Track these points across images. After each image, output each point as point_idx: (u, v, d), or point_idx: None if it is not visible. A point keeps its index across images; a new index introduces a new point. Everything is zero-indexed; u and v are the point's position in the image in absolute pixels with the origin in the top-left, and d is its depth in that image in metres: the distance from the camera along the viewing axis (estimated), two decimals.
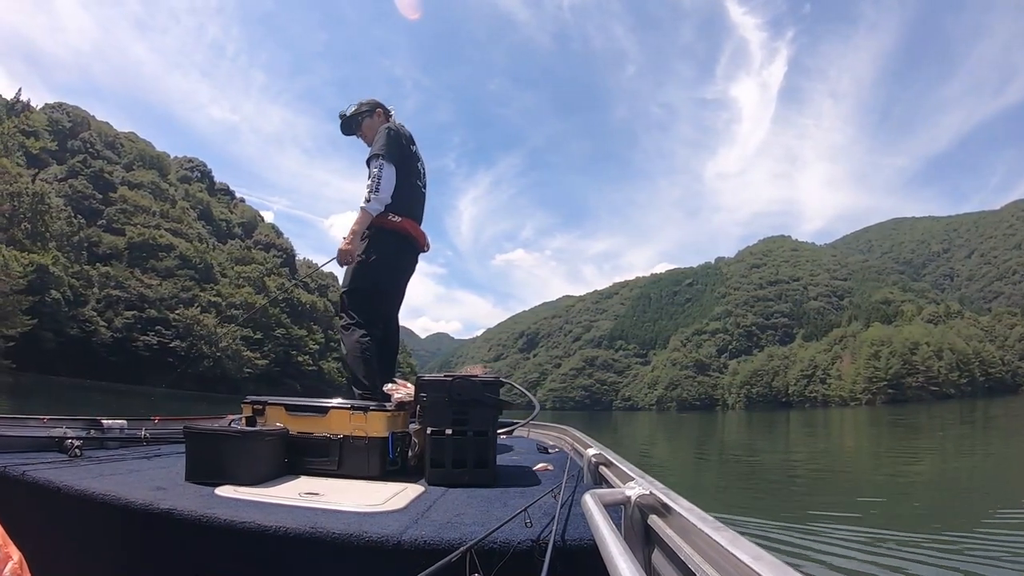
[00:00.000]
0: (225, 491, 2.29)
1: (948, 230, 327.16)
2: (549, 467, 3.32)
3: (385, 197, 3.81)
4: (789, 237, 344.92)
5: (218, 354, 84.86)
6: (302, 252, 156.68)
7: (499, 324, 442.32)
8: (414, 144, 4.16)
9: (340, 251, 3.87)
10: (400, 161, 3.93)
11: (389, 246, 3.94)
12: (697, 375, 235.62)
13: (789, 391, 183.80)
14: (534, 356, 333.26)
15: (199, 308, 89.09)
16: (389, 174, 3.81)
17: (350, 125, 4.42)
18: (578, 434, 4.16)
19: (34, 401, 30.21)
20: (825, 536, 7.23)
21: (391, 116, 4.40)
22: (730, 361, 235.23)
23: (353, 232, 3.83)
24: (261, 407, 2.91)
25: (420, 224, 4.15)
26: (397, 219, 3.90)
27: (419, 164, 4.18)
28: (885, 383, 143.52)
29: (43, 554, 1.92)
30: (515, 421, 4.15)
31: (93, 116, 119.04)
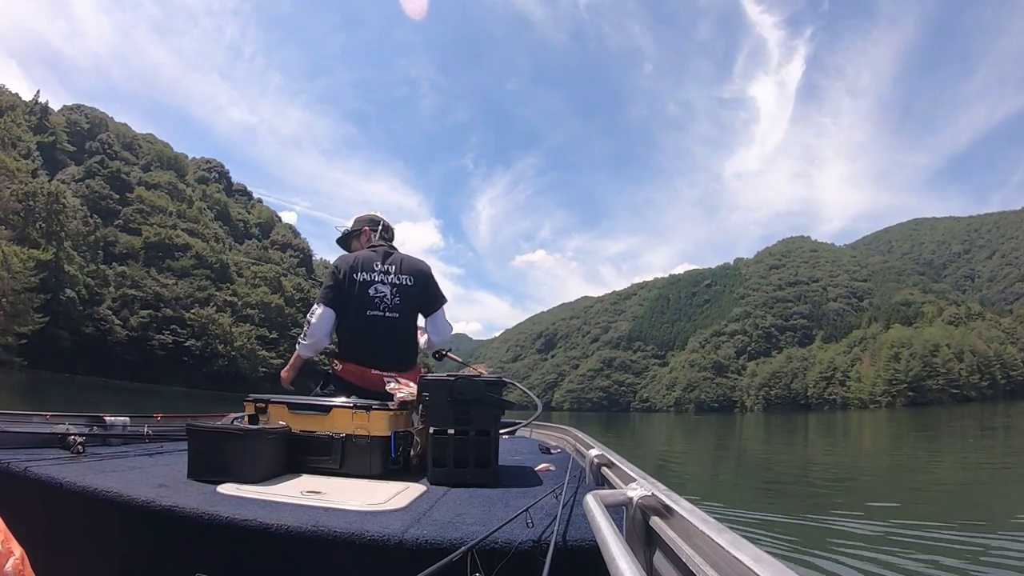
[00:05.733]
0: (227, 489, 2.28)
1: (969, 230, 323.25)
2: (551, 467, 3.30)
3: (315, 341, 3.67)
4: (808, 237, 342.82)
5: (233, 353, 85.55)
6: (321, 253, 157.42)
7: (517, 325, 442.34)
8: (374, 267, 3.63)
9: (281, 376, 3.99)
10: (341, 296, 3.60)
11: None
12: (715, 377, 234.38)
13: (808, 393, 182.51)
14: (552, 357, 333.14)
15: (215, 308, 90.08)
16: (317, 317, 3.63)
17: (346, 242, 4.17)
18: (580, 434, 4.13)
19: (48, 399, 30.36)
20: (835, 537, 7.18)
21: (379, 230, 3.99)
22: (748, 363, 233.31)
23: (289, 365, 3.95)
24: (263, 405, 2.91)
25: (380, 361, 3.54)
26: (339, 366, 3.61)
27: (371, 288, 3.59)
28: (905, 385, 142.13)
29: (45, 550, 1.93)
30: (517, 421, 4.14)
31: (111, 118, 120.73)
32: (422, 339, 4.04)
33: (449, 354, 4.21)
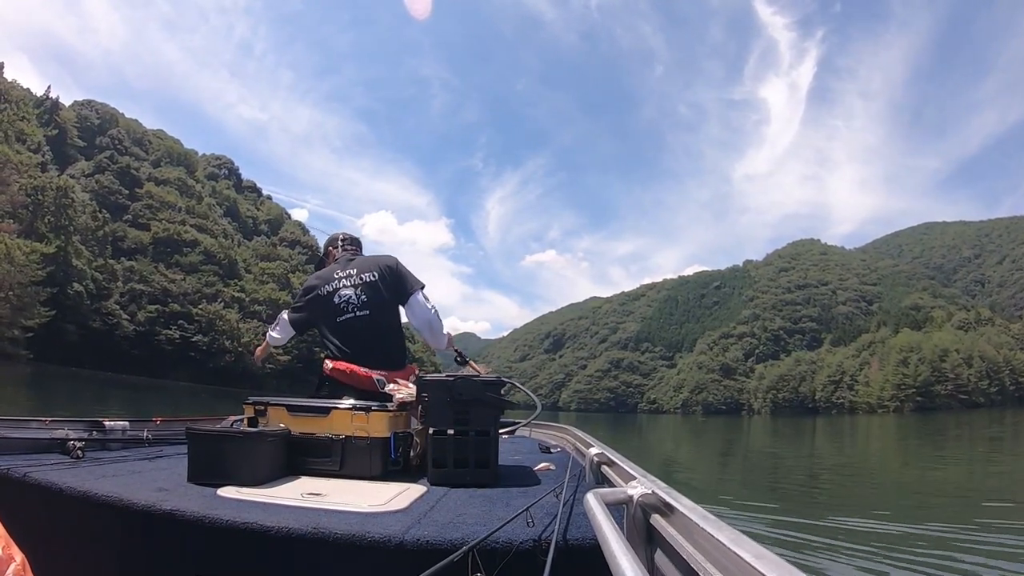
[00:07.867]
0: (227, 492, 2.29)
1: (980, 235, 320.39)
2: (551, 467, 3.32)
3: (276, 339, 4.15)
4: (818, 240, 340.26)
5: (240, 349, 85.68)
6: None
7: (525, 325, 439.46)
8: (335, 275, 3.72)
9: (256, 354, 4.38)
10: (305, 313, 3.86)
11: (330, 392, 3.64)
12: (723, 379, 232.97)
13: (816, 397, 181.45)
14: (560, 357, 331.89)
15: (222, 303, 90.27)
16: (283, 324, 4.03)
17: (322, 263, 4.25)
18: (580, 433, 4.16)
19: (53, 393, 30.24)
20: (838, 537, 7.17)
21: (340, 244, 4.09)
22: (757, 365, 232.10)
23: (263, 347, 4.46)
24: (263, 407, 2.92)
25: (365, 359, 3.55)
26: (329, 365, 3.61)
27: (336, 296, 3.65)
28: (913, 390, 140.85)
29: (46, 556, 1.94)
30: (517, 421, 4.15)
31: (122, 113, 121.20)
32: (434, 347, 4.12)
33: (457, 356, 4.24)
